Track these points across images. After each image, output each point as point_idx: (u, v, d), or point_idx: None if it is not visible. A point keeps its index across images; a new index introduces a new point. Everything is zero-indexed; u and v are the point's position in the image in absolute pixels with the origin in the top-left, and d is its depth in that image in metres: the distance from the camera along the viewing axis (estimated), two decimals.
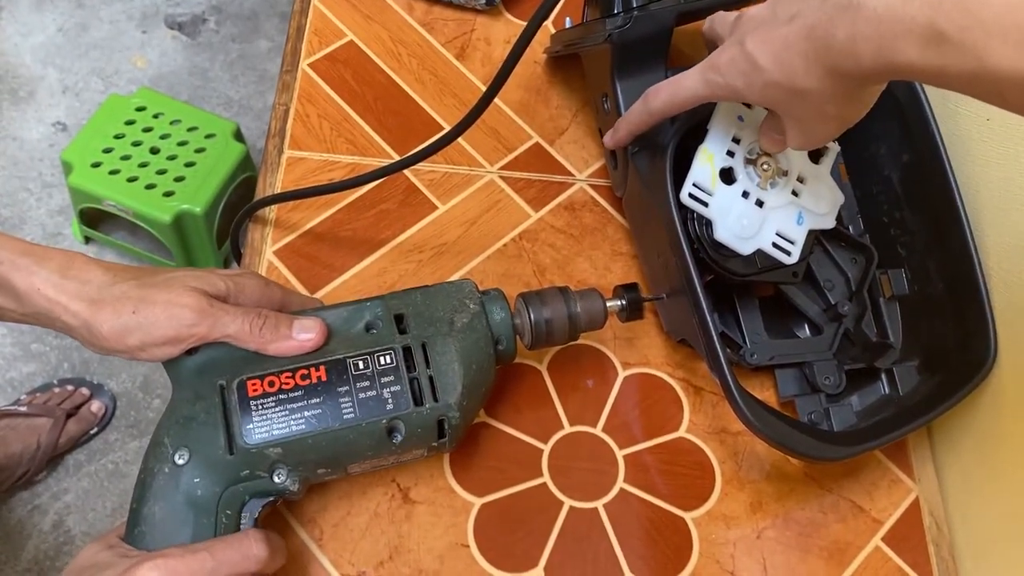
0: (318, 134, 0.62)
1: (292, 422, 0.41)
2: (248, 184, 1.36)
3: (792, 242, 0.50)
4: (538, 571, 0.48)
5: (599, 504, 0.51)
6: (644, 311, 0.51)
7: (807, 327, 0.56)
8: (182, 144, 1.33)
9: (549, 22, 0.70)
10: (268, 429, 0.41)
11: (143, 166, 1.30)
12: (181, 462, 0.40)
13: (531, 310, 0.47)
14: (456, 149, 0.63)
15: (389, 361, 0.43)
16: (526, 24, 0.45)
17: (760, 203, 0.50)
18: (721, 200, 0.49)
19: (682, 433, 0.54)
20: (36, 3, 1.70)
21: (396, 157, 0.62)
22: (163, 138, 1.34)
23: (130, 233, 1.43)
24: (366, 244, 0.58)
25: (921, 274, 0.55)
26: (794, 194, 0.51)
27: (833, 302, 0.55)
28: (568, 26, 0.61)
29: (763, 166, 0.50)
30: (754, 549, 0.51)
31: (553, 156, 0.64)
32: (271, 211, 0.59)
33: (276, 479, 0.41)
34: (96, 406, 1.28)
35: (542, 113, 0.66)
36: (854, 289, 0.56)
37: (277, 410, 0.41)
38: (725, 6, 0.51)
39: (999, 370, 0.51)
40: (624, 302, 0.50)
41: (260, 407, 0.41)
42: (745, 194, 0.49)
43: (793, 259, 0.50)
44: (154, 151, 1.33)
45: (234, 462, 0.40)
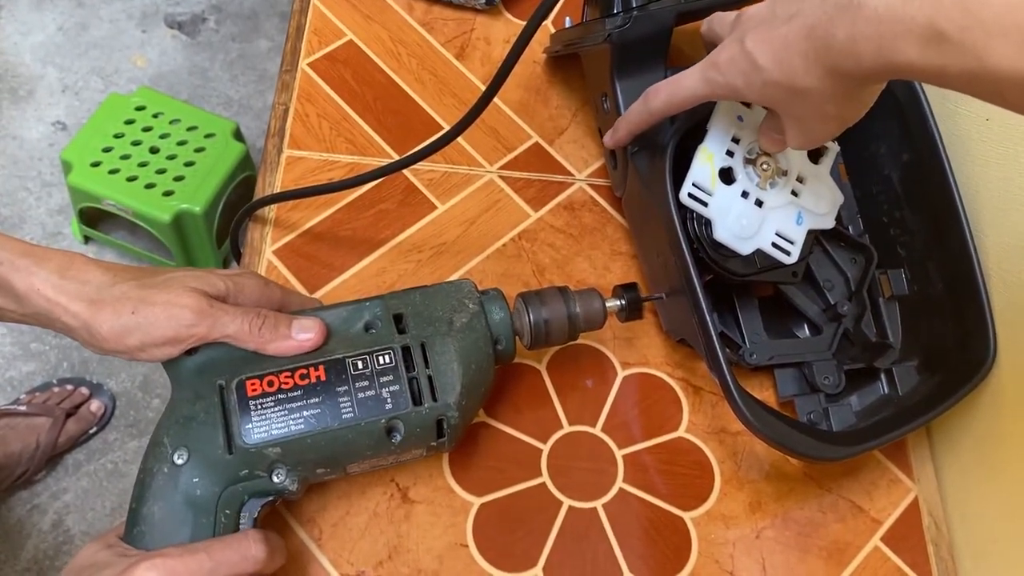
0: (317, 134, 0.62)
1: (291, 422, 0.41)
2: (248, 183, 1.36)
3: (792, 242, 0.50)
4: (537, 571, 0.48)
5: (598, 504, 0.51)
6: (643, 311, 0.51)
7: (806, 327, 0.56)
8: (182, 143, 1.33)
9: (549, 22, 0.70)
10: (267, 429, 0.41)
11: (143, 165, 1.30)
12: (180, 462, 0.40)
13: (530, 310, 0.47)
14: (455, 149, 0.63)
15: (388, 361, 0.43)
16: (526, 24, 0.45)
17: (760, 203, 0.50)
18: (721, 200, 0.49)
19: (681, 433, 0.54)
20: (36, 2, 1.70)
21: (395, 157, 0.62)
22: (163, 137, 1.34)
23: (130, 233, 1.43)
24: (365, 244, 0.58)
25: (920, 274, 0.55)
26: (794, 194, 0.51)
27: (832, 302, 0.55)
28: (568, 26, 0.61)
29: (763, 166, 0.50)
30: (753, 549, 0.51)
31: (552, 156, 0.64)
32: (270, 210, 0.59)
33: (275, 479, 0.41)
34: (95, 406, 1.28)
35: (542, 113, 0.66)
36: (853, 289, 0.56)
37: (276, 410, 0.41)
38: (725, 6, 0.51)
39: (998, 370, 0.51)
40: (623, 302, 0.50)
41: (259, 407, 0.41)
42: (745, 194, 0.49)
43: (792, 259, 0.50)
44: (154, 150, 1.32)
45: (233, 462, 0.40)
